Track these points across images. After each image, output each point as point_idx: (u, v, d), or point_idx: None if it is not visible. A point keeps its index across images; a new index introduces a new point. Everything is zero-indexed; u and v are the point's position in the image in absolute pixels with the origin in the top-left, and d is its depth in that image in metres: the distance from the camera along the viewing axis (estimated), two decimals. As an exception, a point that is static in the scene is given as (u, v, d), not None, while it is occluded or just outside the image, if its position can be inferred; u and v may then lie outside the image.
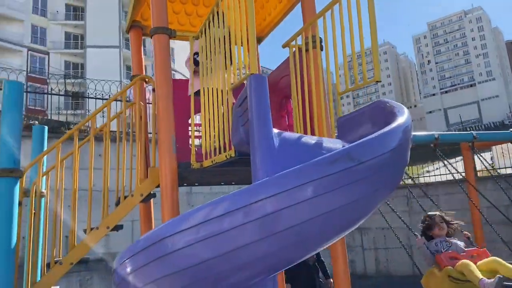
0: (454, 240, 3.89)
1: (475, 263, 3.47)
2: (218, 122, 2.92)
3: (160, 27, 3.35)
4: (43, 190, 3.89)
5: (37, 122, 10.47)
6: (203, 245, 1.55)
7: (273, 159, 2.19)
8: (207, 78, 3.15)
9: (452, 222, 4.04)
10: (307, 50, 3.74)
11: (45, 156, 3.97)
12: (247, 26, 2.44)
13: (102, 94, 10.82)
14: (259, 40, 5.16)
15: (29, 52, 38.60)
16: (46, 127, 4.24)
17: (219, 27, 2.91)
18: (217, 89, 3.00)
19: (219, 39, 2.90)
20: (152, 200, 4.23)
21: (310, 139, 2.40)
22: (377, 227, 13.40)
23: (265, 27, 5.02)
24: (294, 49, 3.66)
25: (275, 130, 2.34)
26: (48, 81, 36.17)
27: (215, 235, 1.53)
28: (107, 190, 3.50)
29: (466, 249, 3.79)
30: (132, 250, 1.80)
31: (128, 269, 1.79)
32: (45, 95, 28.82)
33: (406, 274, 13.50)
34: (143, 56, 4.57)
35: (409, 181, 14.85)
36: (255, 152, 2.22)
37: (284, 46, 3.78)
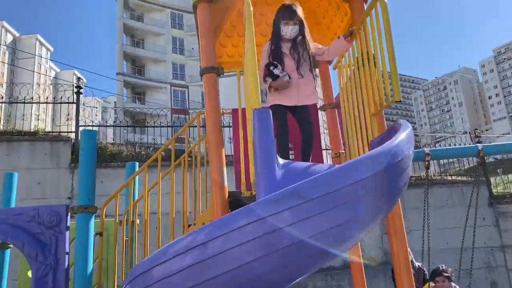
0: None
1: None
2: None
3: (208, 67, 3.62)
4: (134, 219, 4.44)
5: (163, 153, 11.75)
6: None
7: (274, 191, 2.22)
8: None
9: None
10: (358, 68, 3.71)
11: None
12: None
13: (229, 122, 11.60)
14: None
15: (172, 87, 43.36)
16: (137, 163, 4.82)
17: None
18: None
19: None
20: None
21: (320, 168, 2.36)
22: (523, 245, 11.67)
23: (334, 46, 4.98)
24: (342, 69, 3.62)
25: (281, 161, 2.37)
26: (189, 111, 40.09)
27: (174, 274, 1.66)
28: (173, 217, 3.86)
29: None
30: (127, 279, 2.01)
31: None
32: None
33: None
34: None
35: None
36: (258, 184, 2.28)
37: (334, 68, 3.74)
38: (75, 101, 10.58)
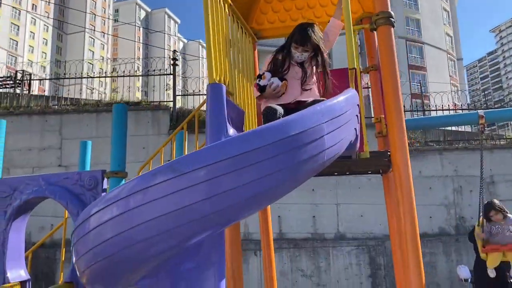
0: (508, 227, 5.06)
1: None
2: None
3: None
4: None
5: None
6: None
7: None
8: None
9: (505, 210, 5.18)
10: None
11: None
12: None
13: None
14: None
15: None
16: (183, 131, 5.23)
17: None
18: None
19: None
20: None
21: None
22: None
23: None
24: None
25: (231, 132, 2.45)
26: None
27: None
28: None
29: None
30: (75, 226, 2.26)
31: (75, 240, 2.20)
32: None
33: None
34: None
35: None
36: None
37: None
38: (171, 73, 11.48)
